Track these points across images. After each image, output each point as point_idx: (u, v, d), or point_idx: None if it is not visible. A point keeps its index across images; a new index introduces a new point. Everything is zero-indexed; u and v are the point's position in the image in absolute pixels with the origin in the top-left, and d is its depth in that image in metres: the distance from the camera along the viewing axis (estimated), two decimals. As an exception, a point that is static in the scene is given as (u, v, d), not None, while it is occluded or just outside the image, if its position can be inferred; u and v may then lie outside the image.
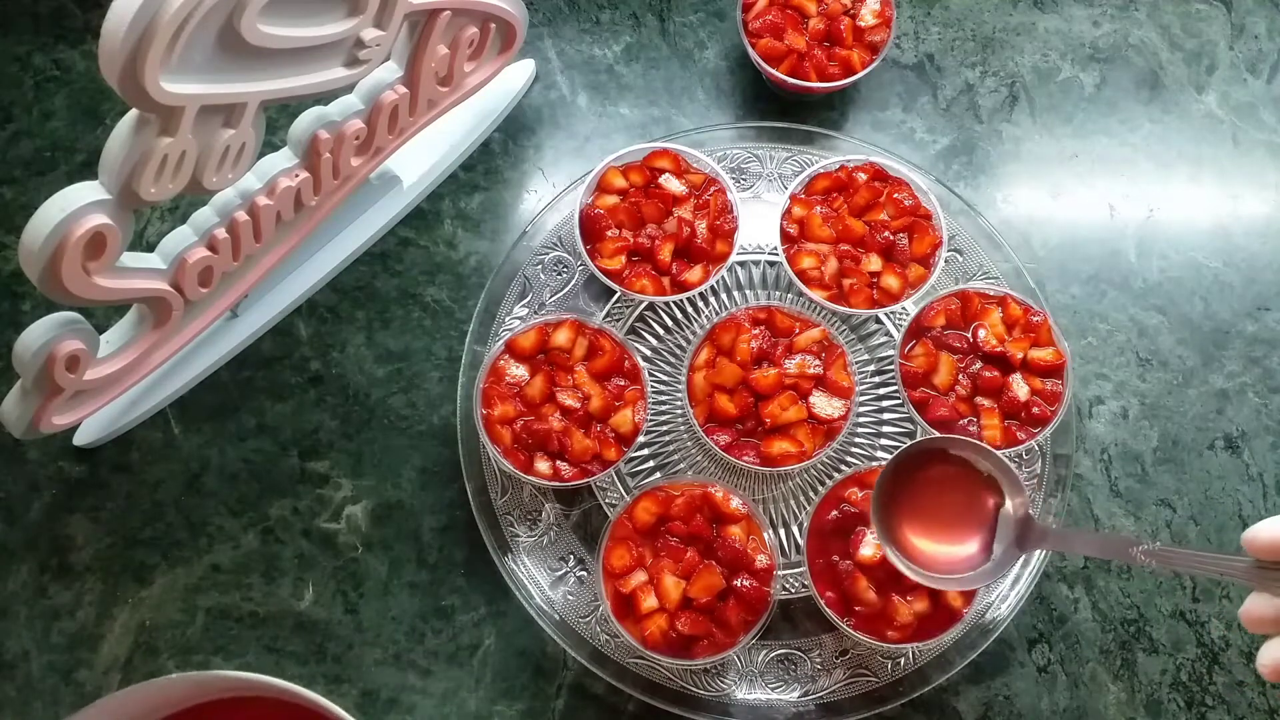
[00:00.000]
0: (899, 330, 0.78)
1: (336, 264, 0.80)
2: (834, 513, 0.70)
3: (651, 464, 0.77)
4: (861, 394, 0.76)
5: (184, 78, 0.52)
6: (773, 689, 0.72)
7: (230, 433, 0.78)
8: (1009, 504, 0.64)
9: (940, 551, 0.65)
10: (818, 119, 0.85)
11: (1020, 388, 0.72)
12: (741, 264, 0.81)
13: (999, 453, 0.64)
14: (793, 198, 0.77)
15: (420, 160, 0.81)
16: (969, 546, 0.65)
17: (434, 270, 0.82)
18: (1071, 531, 0.64)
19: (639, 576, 0.69)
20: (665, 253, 0.75)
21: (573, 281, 0.80)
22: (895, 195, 0.76)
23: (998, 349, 0.73)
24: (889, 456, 0.76)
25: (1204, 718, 0.74)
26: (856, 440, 0.77)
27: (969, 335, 0.74)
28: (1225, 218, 0.85)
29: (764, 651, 0.73)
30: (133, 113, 0.54)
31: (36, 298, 0.79)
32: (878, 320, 0.80)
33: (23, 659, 0.73)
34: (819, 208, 0.76)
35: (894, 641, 0.68)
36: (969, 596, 0.69)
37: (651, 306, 0.80)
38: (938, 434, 0.69)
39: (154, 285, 0.64)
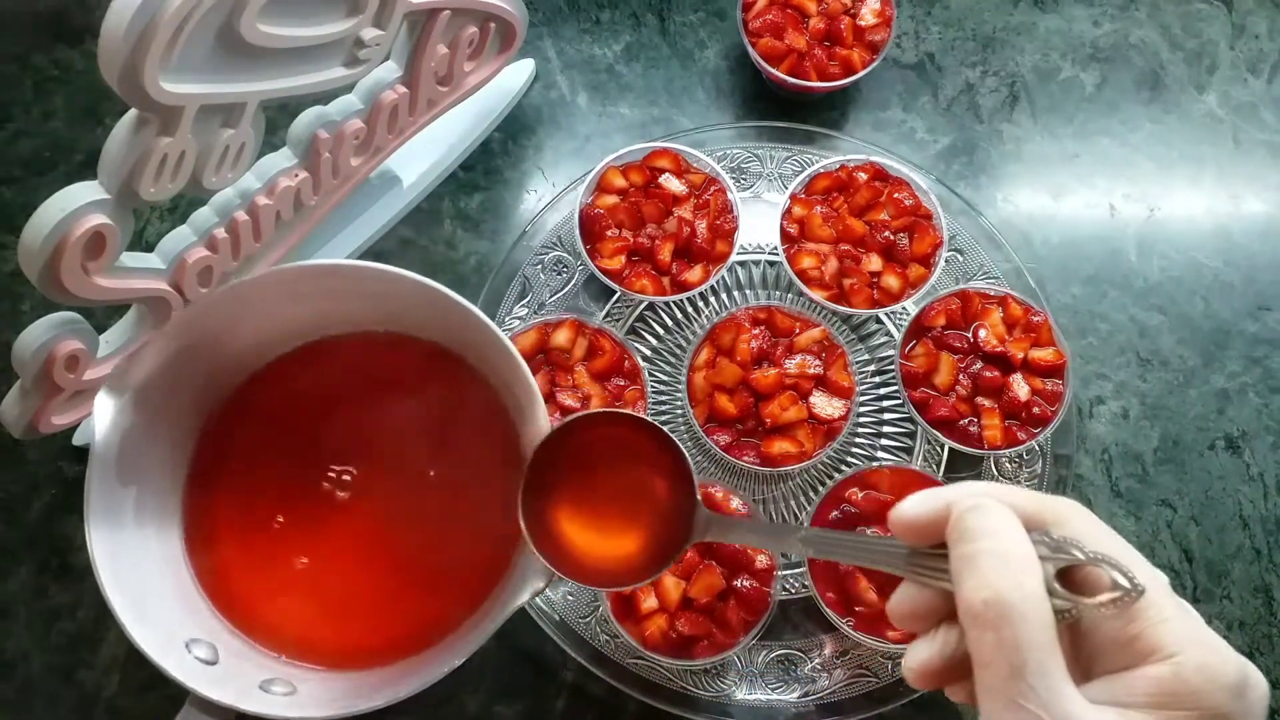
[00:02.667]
0: (899, 330, 0.78)
1: (336, 264, 0.80)
2: (834, 513, 0.70)
3: (651, 464, 0.77)
4: (862, 394, 0.76)
5: (184, 78, 0.52)
6: (773, 689, 0.72)
7: (230, 433, 0.78)
8: (676, 489, 0.56)
9: (600, 545, 0.57)
10: (818, 119, 0.85)
11: (1021, 388, 0.72)
12: (741, 264, 0.81)
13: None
14: (793, 197, 0.77)
15: (420, 160, 0.81)
16: (632, 539, 0.57)
17: (434, 270, 0.82)
18: (738, 520, 0.56)
19: (639, 577, 0.69)
20: (665, 253, 0.75)
21: (572, 281, 0.80)
22: (895, 195, 0.76)
23: (998, 349, 0.73)
24: (890, 457, 0.77)
25: (1204, 718, 0.74)
26: (857, 440, 0.77)
27: (969, 335, 0.74)
28: (1226, 218, 0.84)
29: (764, 652, 0.73)
30: (132, 113, 0.54)
31: (36, 298, 0.79)
32: (878, 320, 0.79)
33: (23, 659, 0.73)
34: (819, 207, 0.76)
35: (894, 641, 0.68)
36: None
37: (651, 306, 0.80)
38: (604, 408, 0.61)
39: (153, 285, 0.63)
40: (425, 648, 0.61)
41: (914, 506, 0.41)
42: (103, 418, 0.58)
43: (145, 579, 0.60)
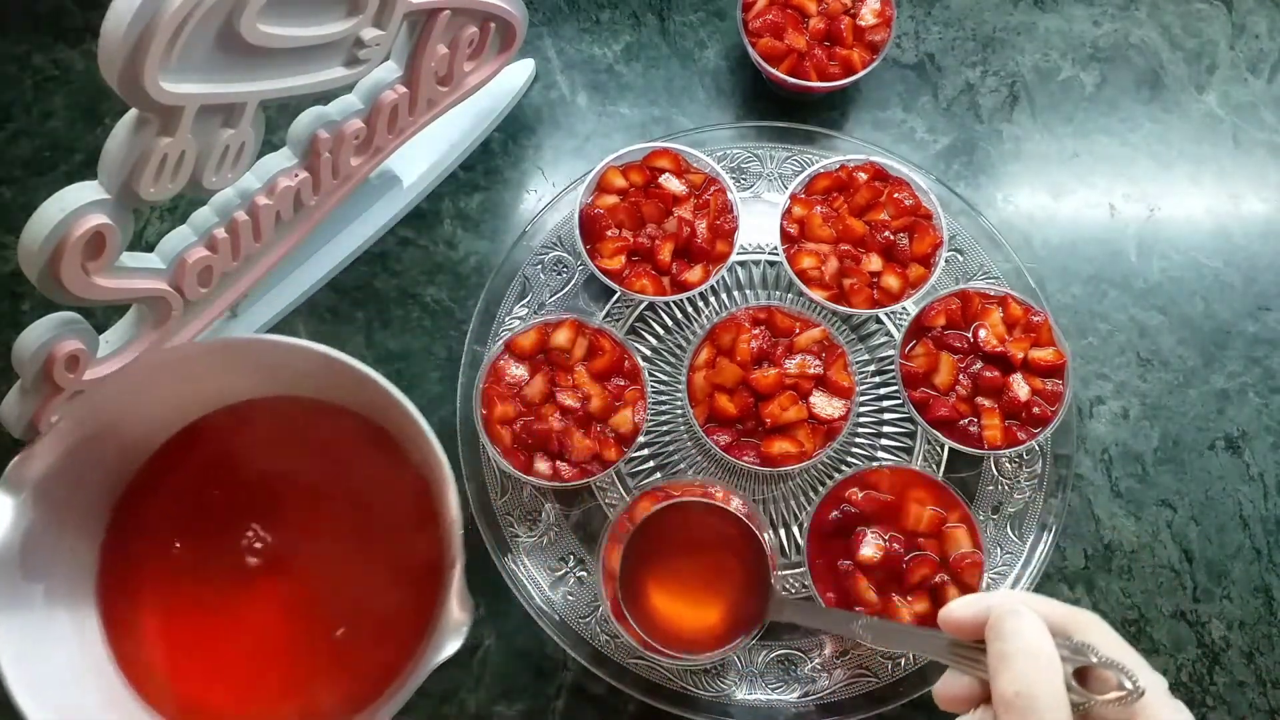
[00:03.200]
0: (899, 330, 0.78)
1: (336, 264, 0.80)
2: (834, 513, 0.70)
3: (651, 464, 0.77)
4: (862, 394, 0.76)
5: (183, 78, 0.52)
6: (773, 689, 0.72)
7: (230, 433, 0.78)
8: (754, 571, 0.65)
9: (685, 616, 0.65)
10: (818, 119, 0.85)
11: (1021, 388, 0.72)
12: (741, 264, 0.81)
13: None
14: (793, 197, 0.77)
15: (420, 160, 0.81)
16: (712, 613, 0.65)
17: (434, 270, 0.82)
18: (807, 604, 0.66)
19: (639, 577, 0.69)
20: (665, 253, 0.75)
21: (573, 281, 0.80)
22: (895, 195, 0.76)
23: (998, 349, 0.73)
24: (890, 457, 0.77)
25: (1204, 718, 0.74)
26: (857, 440, 0.77)
27: (969, 335, 0.74)
28: (1226, 218, 0.85)
29: (764, 652, 0.73)
30: (132, 113, 0.54)
31: (36, 298, 0.79)
32: (878, 320, 0.79)
33: (22, 659, 0.73)
34: (819, 207, 0.76)
35: (894, 642, 0.68)
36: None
37: (651, 306, 0.80)
38: (694, 497, 0.69)
39: (153, 285, 0.63)
40: (350, 715, 0.61)
41: (960, 608, 0.50)
42: (1, 519, 0.56)
43: (59, 673, 0.58)
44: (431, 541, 0.60)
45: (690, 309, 0.80)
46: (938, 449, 0.77)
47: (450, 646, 0.55)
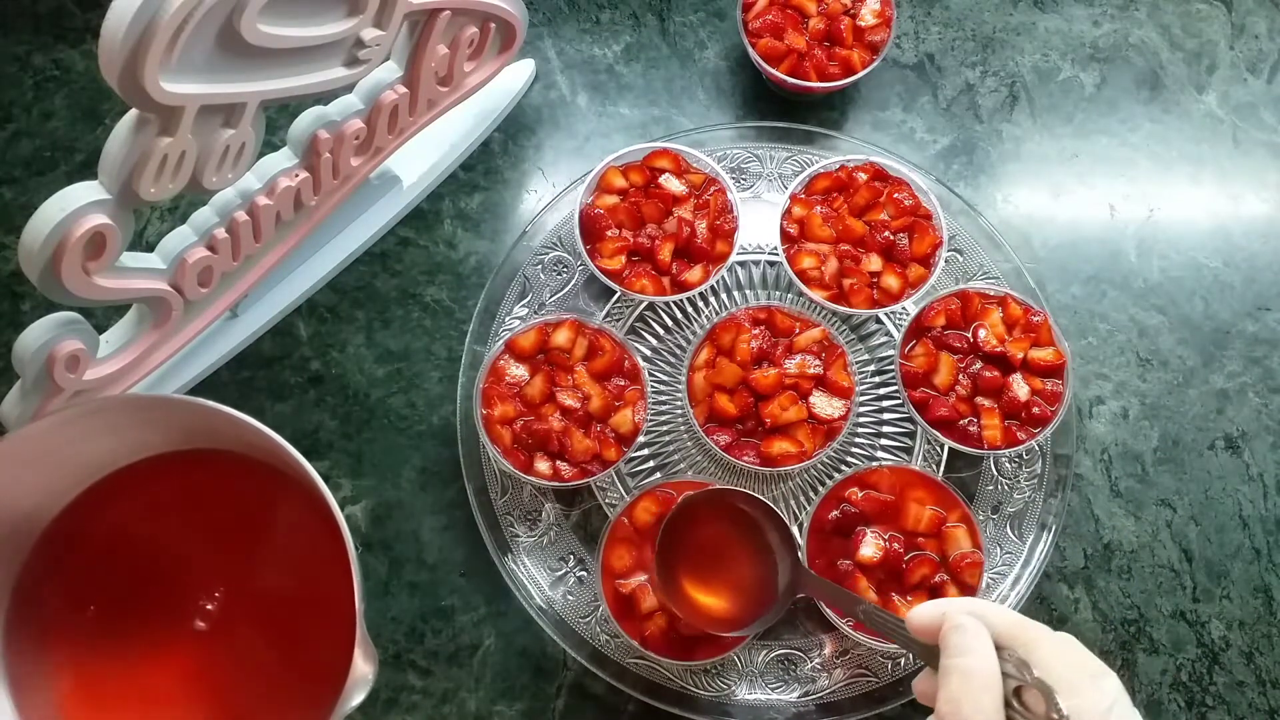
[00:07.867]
0: (899, 330, 0.78)
1: (336, 264, 0.80)
2: (834, 513, 0.70)
3: (651, 464, 0.77)
4: (861, 394, 0.76)
5: (184, 78, 0.52)
6: (773, 689, 0.72)
7: (230, 433, 0.78)
8: (780, 553, 0.67)
9: (712, 601, 0.67)
10: (818, 119, 0.85)
11: (1020, 388, 0.72)
12: (741, 264, 0.81)
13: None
14: (793, 198, 0.77)
15: (420, 160, 0.81)
16: (741, 595, 0.67)
17: (434, 270, 0.82)
18: (825, 581, 0.67)
19: (639, 577, 0.69)
20: (665, 253, 0.75)
21: (573, 281, 0.80)
22: (895, 195, 0.76)
23: (998, 349, 0.73)
24: (890, 457, 0.77)
25: (1204, 718, 0.74)
26: (856, 440, 0.77)
27: (969, 335, 0.74)
28: (1225, 218, 0.85)
29: (764, 652, 0.73)
30: (132, 113, 0.54)
31: (36, 298, 0.79)
32: (878, 320, 0.79)
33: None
34: (819, 208, 0.76)
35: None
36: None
37: (651, 306, 0.80)
38: (718, 486, 0.71)
39: (154, 285, 0.64)
40: None
41: (918, 615, 0.52)
42: None
43: None
44: (342, 593, 0.57)
45: (690, 309, 0.80)
46: (937, 449, 0.77)
47: (356, 698, 0.54)
